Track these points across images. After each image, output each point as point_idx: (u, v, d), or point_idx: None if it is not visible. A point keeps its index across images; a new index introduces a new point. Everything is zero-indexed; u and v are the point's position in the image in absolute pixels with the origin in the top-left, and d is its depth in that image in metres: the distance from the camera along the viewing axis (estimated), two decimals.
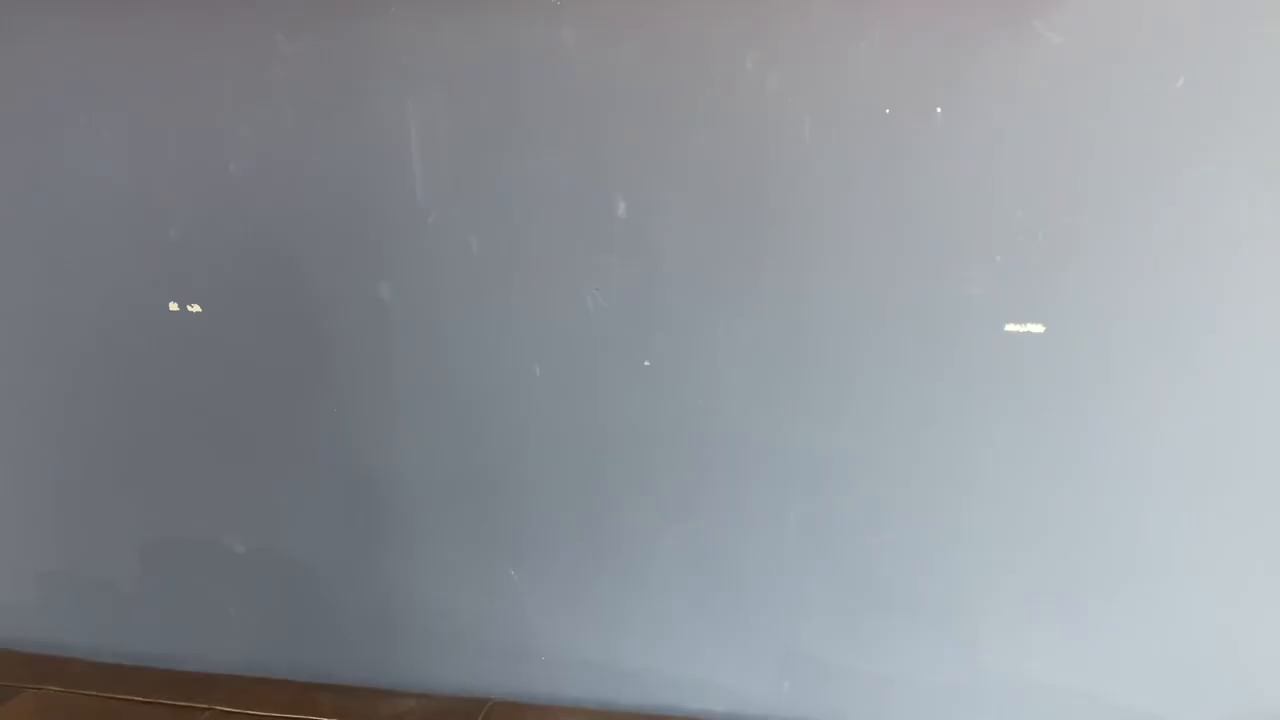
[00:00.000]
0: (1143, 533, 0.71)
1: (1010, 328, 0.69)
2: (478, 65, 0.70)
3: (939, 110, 0.67)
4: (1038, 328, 0.69)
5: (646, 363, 0.75)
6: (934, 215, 0.68)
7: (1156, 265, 0.67)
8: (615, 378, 0.75)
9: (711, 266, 0.72)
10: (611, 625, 0.80)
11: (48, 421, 0.83)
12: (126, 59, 0.73)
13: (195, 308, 0.77)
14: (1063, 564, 0.73)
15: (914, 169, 0.68)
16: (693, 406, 0.75)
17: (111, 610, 0.89)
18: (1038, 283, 0.68)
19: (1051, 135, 0.66)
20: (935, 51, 0.66)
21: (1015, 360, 0.70)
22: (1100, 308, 0.68)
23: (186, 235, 0.76)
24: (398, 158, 0.72)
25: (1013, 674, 0.75)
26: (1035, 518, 0.72)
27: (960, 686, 0.76)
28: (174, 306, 0.77)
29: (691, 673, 0.80)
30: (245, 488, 0.82)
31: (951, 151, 0.67)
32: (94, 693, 0.83)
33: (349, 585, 0.84)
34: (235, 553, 0.84)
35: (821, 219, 0.70)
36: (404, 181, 0.73)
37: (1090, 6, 0.64)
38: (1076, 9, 0.64)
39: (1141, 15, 0.63)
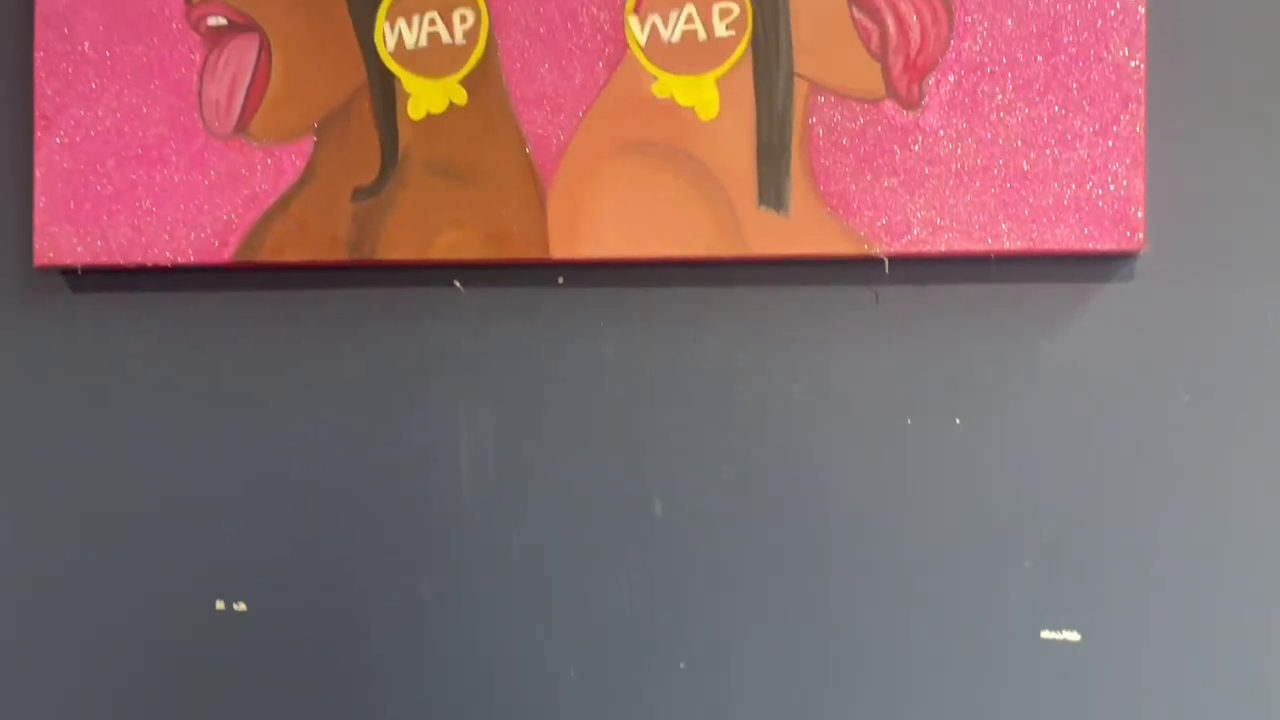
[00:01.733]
0: None
1: (1046, 635, 0.69)
2: (525, 376, 0.76)
3: (957, 421, 0.71)
4: (1074, 635, 0.69)
5: (682, 665, 0.75)
6: (960, 522, 0.71)
7: (1190, 572, 0.68)
8: (651, 680, 0.75)
9: (743, 568, 0.73)
10: None
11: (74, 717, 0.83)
12: (196, 369, 0.79)
13: (240, 606, 0.79)
14: None
15: (937, 477, 0.71)
16: (728, 712, 0.74)
17: None
18: (1071, 589, 0.69)
19: (1070, 446, 0.69)
20: (950, 370, 0.71)
21: (1052, 668, 0.69)
22: (1136, 615, 0.68)
23: (241, 536, 0.79)
24: (447, 462, 0.76)
25: None
26: None
27: None
28: (220, 605, 0.79)
29: None
30: None
31: (973, 460, 0.70)
32: None
33: None
34: None
35: (848, 525, 0.72)
36: (452, 485, 0.76)
37: (1089, 330, 0.69)
38: (1078, 334, 0.69)
39: (1138, 341, 0.69)
